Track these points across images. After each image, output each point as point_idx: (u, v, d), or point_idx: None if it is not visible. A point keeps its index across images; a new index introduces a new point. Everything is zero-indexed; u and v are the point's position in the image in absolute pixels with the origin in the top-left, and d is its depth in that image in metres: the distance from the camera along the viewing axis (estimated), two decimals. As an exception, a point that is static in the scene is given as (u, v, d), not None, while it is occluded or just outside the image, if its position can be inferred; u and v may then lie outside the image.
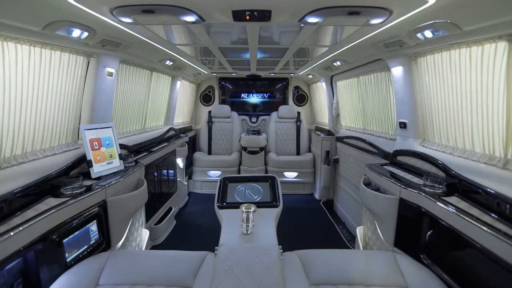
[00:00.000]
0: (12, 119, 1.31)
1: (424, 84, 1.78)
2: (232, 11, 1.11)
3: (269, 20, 1.17)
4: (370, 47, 1.85)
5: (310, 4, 1.03)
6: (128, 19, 1.18)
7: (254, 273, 0.85)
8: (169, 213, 2.93)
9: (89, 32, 1.40)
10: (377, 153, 2.42)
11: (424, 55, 1.69)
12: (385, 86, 2.29)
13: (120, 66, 2.07)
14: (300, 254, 1.35)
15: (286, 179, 4.07)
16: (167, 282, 1.18)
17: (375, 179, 1.86)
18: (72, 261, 1.32)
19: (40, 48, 1.39)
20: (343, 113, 3.42)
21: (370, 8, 1.04)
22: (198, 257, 1.32)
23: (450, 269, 1.23)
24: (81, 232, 1.38)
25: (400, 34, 1.47)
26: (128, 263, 1.32)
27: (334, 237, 2.84)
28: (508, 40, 1.13)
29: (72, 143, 1.77)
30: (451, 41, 1.38)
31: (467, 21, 1.13)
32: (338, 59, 2.52)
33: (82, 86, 1.80)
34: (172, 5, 1.03)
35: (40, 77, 1.43)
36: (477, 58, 1.32)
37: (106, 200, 1.55)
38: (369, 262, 1.32)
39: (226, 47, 2.12)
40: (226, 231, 1.22)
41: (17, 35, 1.19)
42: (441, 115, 1.66)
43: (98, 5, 1.05)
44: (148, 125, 2.99)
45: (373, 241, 1.85)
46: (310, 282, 1.19)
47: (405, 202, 1.52)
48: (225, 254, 0.97)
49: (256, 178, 1.83)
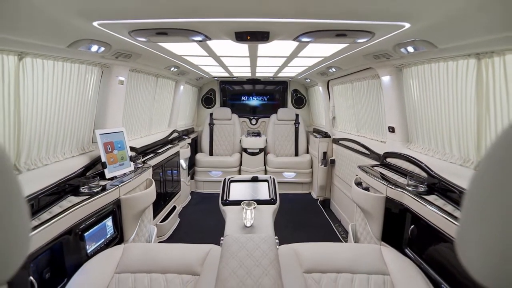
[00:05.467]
0: (38, 125, 1.47)
1: (409, 92, 1.94)
2: (235, 32, 1.27)
3: (267, 40, 1.33)
4: (362, 57, 2.01)
5: (302, 28, 1.19)
6: (143, 39, 1.35)
7: (254, 256, 1.01)
8: (173, 211, 3.09)
9: (106, 47, 1.56)
10: (370, 155, 2.58)
11: (409, 66, 1.86)
12: (376, 92, 2.45)
13: (129, 74, 2.23)
14: (294, 247, 1.51)
15: (285, 179, 4.22)
16: (178, 270, 1.34)
17: (365, 179, 2.02)
18: (91, 252, 1.48)
19: (62, 62, 1.55)
20: (339, 116, 3.58)
21: (354, 31, 1.20)
22: (204, 248, 1.48)
23: (429, 259, 1.39)
24: (99, 226, 1.54)
25: (386, 48, 1.63)
26: (142, 254, 1.48)
27: (330, 234, 3.00)
28: (476, 58, 1.30)
29: (87, 146, 1.93)
30: (430, 56, 1.54)
31: (441, 40, 1.29)
32: (333, 66, 2.69)
33: (96, 94, 1.96)
34: (183, 28, 1.19)
35: (62, 87, 1.59)
36: (453, 71, 1.48)
37: (120, 198, 1.71)
38: (356, 254, 1.48)
39: (228, 56, 2.28)
40: (230, 224, 1.39)
41: (45, 52, 1.36)
42: (425, 121, 1.82)
43: (119, 29, 1.21)
44: (153, 128, 3.15)
45: (364, 236, 2.01)
46: (303, 271, 1.35)
47: (391, 200, 1.68)
48: (230, 242, 1.14)
49: (256, 179, 1.99)
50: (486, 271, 0.33)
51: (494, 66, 1.22)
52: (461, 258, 0.36)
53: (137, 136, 2.70)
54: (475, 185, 0.35)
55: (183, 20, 1.12)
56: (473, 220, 0.35)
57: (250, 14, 1.06)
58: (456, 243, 0.37)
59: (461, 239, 0.36)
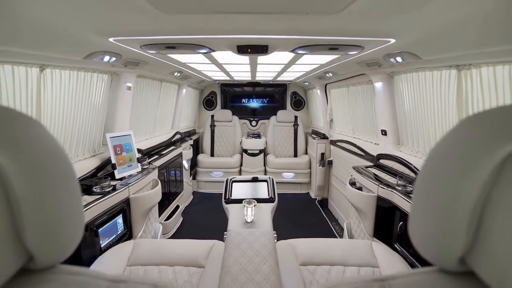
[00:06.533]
0: (56, 130, 1.60)
1: (400, 98, 2.07)
2: (237, 46, 1.39)
3: (266, 53, 1.46)
4: (356, 64, 2.13)
5: (298, 42, 1.32)
6: (153, 51, 1.47)
7: (254, 247, 1.14)
8: (176, 210, 3.21)
9: (117, 57, 1.69)
10: (364, 156, 2.70)
11: (399, 74, 1.98)
12: (370, 97, 2.57)
13: (135, 80, 2.36)
14: (291, 242, 1.64)
15: (284, 180, 4.34)
16: (184, 263, 1.46)
17: (358, 179, 2.14)
18: (104, 247, 1.61)
19: (77, 72, 1.67)
20: (336, 119, 3.71)
21: (345, 45, 1.33)
22: (208, 243, 1.60)
23: (415, 254, 1.51)
24: (111, 223, 1.67)
25: (377, 57, 1.76)
26: (151, 249, 1.60)
27: (327, 232, 3.12)
28: (457, 69, 1.42)
29: (97, 148, 2.06)
30: (417, 65, 1.66)
31: (424, 53, 1.42)
32: (330, 71, 2.81)
33: (106, 100, 2.09)
34: (190, 43, 1.32)
35: (76, 94, 1.72)
36: (437, 80, 1.60)
37: (129, 197, 1.84)
38: (348, 248, 1.61)
39: (229, 64, 2.41)
40: (233, 220, 1.52)
41: (63, 64, 1.48)
42: (414, 125, 1.95)
43: (131, 43, 1.34)
44: (157, 130, 3.27)
45: (358, 233, 2.13)
46: (299, 263, 1.48)
47: (382, 199, 1.81)
48: (233, 235, 1.27)
49: (256, 179, 2.12)
50: (425, 246, 0.45)
51: (472, 77, 1.35)
52: (411, 235, 0.48)
53: (142, 138, 2.82)
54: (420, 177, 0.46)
55: (190, 37, 1.24)
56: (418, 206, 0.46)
57: (251, 31, 1.19)
58: (409, 224, 0.47)
59: (411, 221, 0.47)
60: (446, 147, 0.41)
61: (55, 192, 0.42)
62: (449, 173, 0.39)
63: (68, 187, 0.45)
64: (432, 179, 0.42)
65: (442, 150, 0.41)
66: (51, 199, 0.41)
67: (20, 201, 0.36)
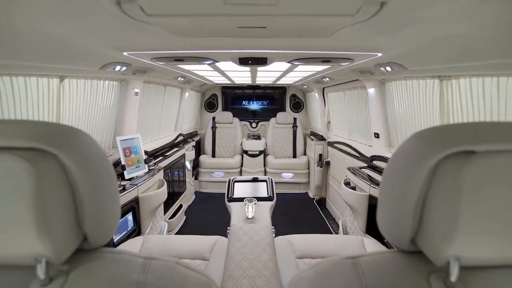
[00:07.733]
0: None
1: (391, 103, 2.20)
2: (239, 58, 1.53)
3: (266, 64, 1.60)
4: (350, 72, 2.27)
5: (294, 56, 1.46)
6: (162, 63, 1.61)
7: (255, 239, 1.28)
8: (180, 209, 3.35)
9: (127, 67, 1.83)
10: (360, 157, 2.84)
11: (390, 81, 2.12)
12: (365, 101, 2.71)
13: (142, 85, 2.49)
14: (289, 237, 1.78)
15: (283, 180, 4.46)
16: (190, 256, 1.60)
17: (352, 179, 2.28)
18: (117, 242, 1.75)
19: (91, 80, 1.81)
20: (333, 121, 3.85)
21: (337, 58, 1.47)
22: (212, 239, 1.74)
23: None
24: (122, 220, 1.81)
25: (368, 66, 1.89)
26: (159, 243, 1.74)
27: (324, 230, 3.26)
28: (439, 79, 1.56)
29: (107, 151, 2.20)
30: (405, 74, 1.80)
31: (410, 64, 1.55)
32: (326, 76, 2.95)
33: (115, 105, 2.23)
34: (197, 56, 1.46)
35: (90, 101, 1.86)
36: (423, 88, 1.74)
37: (138, 196, 1.98)
38: (341, 243, 1.74)
39: (231, 71, 2.55)
40: (235, 216, 1.66)
41: (80, 74, 1.62)
42: (403, 128, 2.09)
43: (143, 56, 1.48)
44: (162, 132, 3.41)
45: (352, 230, 2.27)
46: (295, 256, 1.61)
47: (374, 197, 1.95)
48: (235, 229, 1.41)
49: (256, 179, 2.26)
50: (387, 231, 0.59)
51: (452, 87, 1.49)
52: (378, 223, 0.61)
53: (148, 140, 2.96)
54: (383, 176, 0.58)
55: (197, 51, 1.38)
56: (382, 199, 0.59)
57: (252, 47, 1.33)
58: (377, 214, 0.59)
59: (378, 211, 0.61)
60: (400, 154, 0.55)
61: (103, 189, 0.55)
62: (400, 175, 0.52)
63: (110, 184, 0.58)
64: (390, 178, 0.56)
65: (397, 157, 0.56)
66: (101, 194, 0.55)
67: (83, 197, 0.50)
